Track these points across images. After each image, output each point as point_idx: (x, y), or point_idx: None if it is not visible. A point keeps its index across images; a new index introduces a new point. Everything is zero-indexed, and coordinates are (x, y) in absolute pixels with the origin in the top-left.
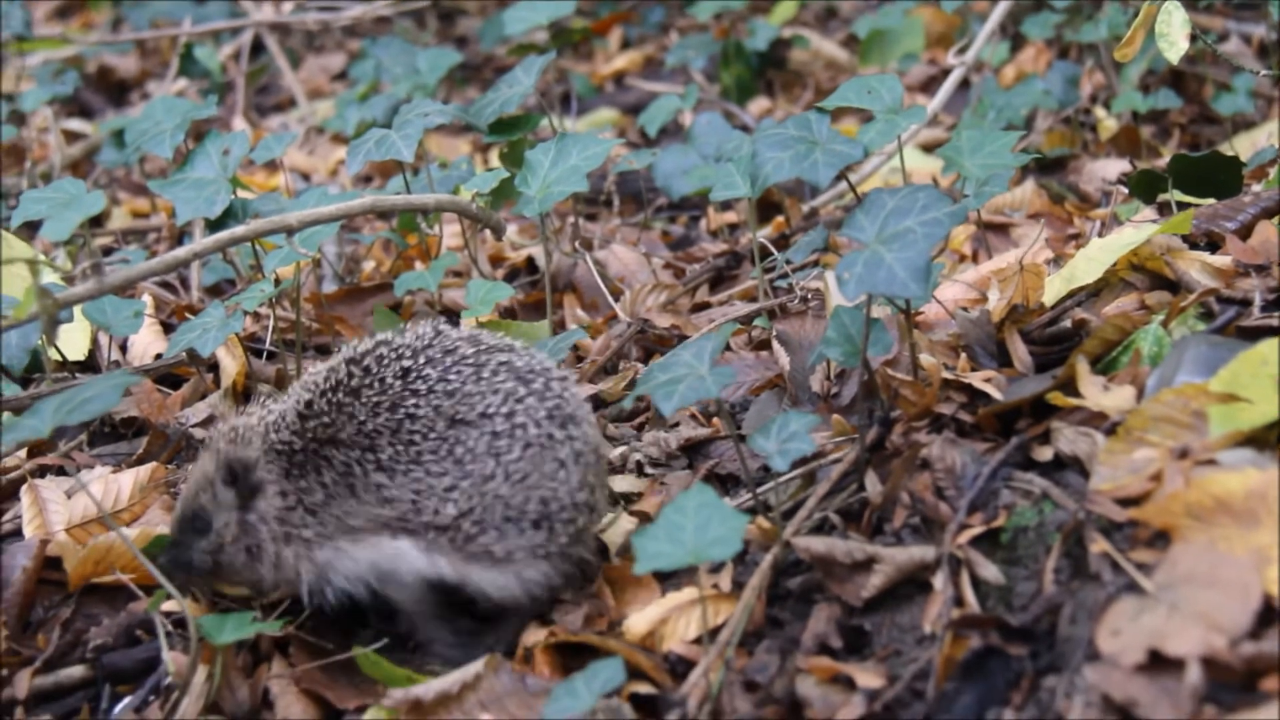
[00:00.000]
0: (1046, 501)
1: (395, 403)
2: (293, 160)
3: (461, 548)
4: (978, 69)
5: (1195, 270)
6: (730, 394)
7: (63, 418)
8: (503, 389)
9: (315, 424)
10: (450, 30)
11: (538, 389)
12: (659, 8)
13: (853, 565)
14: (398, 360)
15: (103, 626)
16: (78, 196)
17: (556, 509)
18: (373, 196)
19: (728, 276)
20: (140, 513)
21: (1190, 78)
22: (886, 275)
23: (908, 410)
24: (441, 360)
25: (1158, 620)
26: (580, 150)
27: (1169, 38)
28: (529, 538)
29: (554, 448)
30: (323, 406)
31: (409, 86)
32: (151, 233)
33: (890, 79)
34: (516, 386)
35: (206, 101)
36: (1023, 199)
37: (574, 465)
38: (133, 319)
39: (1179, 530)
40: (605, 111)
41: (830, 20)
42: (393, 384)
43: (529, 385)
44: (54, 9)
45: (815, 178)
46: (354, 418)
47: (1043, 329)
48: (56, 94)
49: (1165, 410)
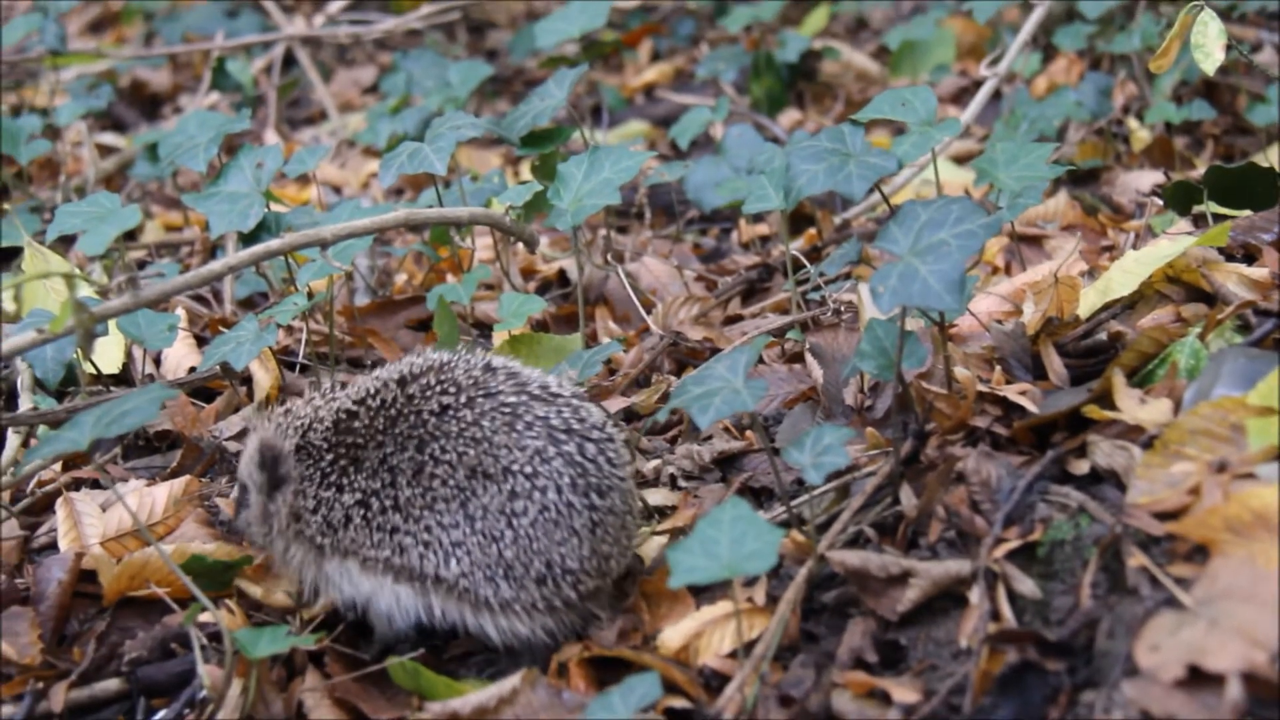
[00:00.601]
0: (1083, 515)
1: (423, 441)
2: (324, 173)
3: (460, 596)
4: (1009, 80)
5: (1232, 282)
6: (763, 407)
7: (101, 431)
8: (531, 445)
9: (348, 440)
10: (481, 43)
11: (569, 451)
12: (689, 20)
13: (888, 579)
14: (440, 394)
15: (138, 640)
16: (113, 210)
17: (560, 572)
18: (407, 210)
19: (760, 289)
20: (175, 526)
21: (1224, 88)
22: (921, 288)
23: (942, 423)
24: (481, 403)
25: (1197, 635)
26: (613, 163)
27: (1205, 48)
28: (530, 592)
29: (570, 517)
30: (358, 425)
31: (440, 99)
32: (184, 246)
33: (924, 91)
34: (547, 446)
35: (240, 115)
36: (1056, 211)
37: (588, 535)
38: (167, 333)
39: (1218, 544)
40: (636, 124)
41: (861, 31)
42: (428, 419)
43: (560, 446)
44: (87, 23)
45: (849, 190)
46: (381, 447)
47: (1078, 342)
48: (90, 108)
49: (1203, 423)
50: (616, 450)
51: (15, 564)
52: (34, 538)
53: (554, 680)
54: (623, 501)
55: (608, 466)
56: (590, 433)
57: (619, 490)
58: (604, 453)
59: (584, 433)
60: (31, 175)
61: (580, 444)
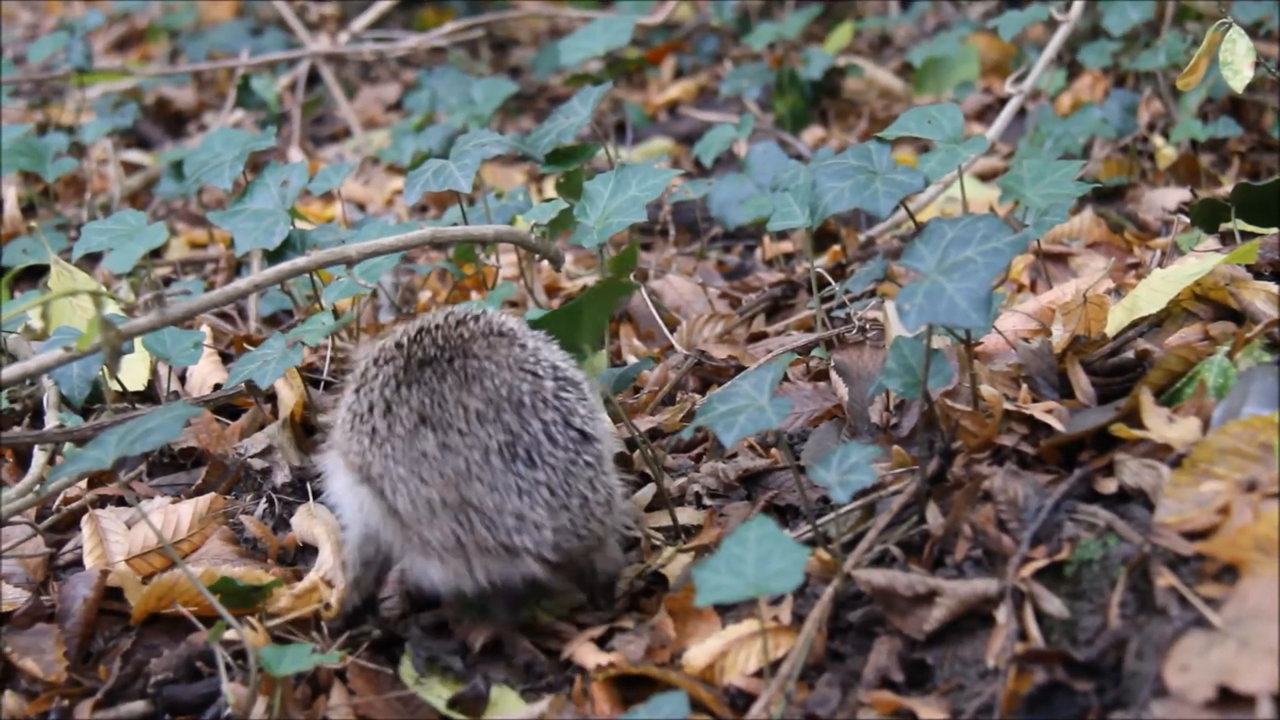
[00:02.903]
0: (1111, 534)
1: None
2: (348, 190)
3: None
4: (1034, 97)
5: (1260, 301)
6: (788, 425)
7: (125, 448)
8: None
9: (372, 370)
10: (504, 60)
11: (508, 420)
12: (713, 37)
13: (914, 598)
14: (431, 345)
15: (163, 658)
16: (139, 228)
17: (484, 529)
18: (432, 228)
19: (784, 306)
20: (200, 543)
21: (1250, 105)
22: (948, 306)
23: (969, 442)
24: (457, 362)
25: (1227, 656)
26: (639, 181)
27: (1233, 65)
28: (445, 533)
29: (493, 478)
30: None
31: (464, 117)
32: (209, 263)
33: (951, 108)
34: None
35: (265, 133)
36: (1081, 228)
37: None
38: (192, 350)
39: (1247, 564)
40: (659, 141)
41: (885, 48)
42: (414, 367)
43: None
44: (113, 41)
45: (875, 208)
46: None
47: (1105, 360)
48: (116, 126)
49: (1232, 442)
50: (573, 433)
51: (41, 581)
52: (60, 555)
53: (578, 700)
54: (562, 480)
55: (547, 444)
56: (543, 410)
57: (557, 468)
58: (551, 430)
59: (537, 408)
60: (58, 193)
61: (527, 418)
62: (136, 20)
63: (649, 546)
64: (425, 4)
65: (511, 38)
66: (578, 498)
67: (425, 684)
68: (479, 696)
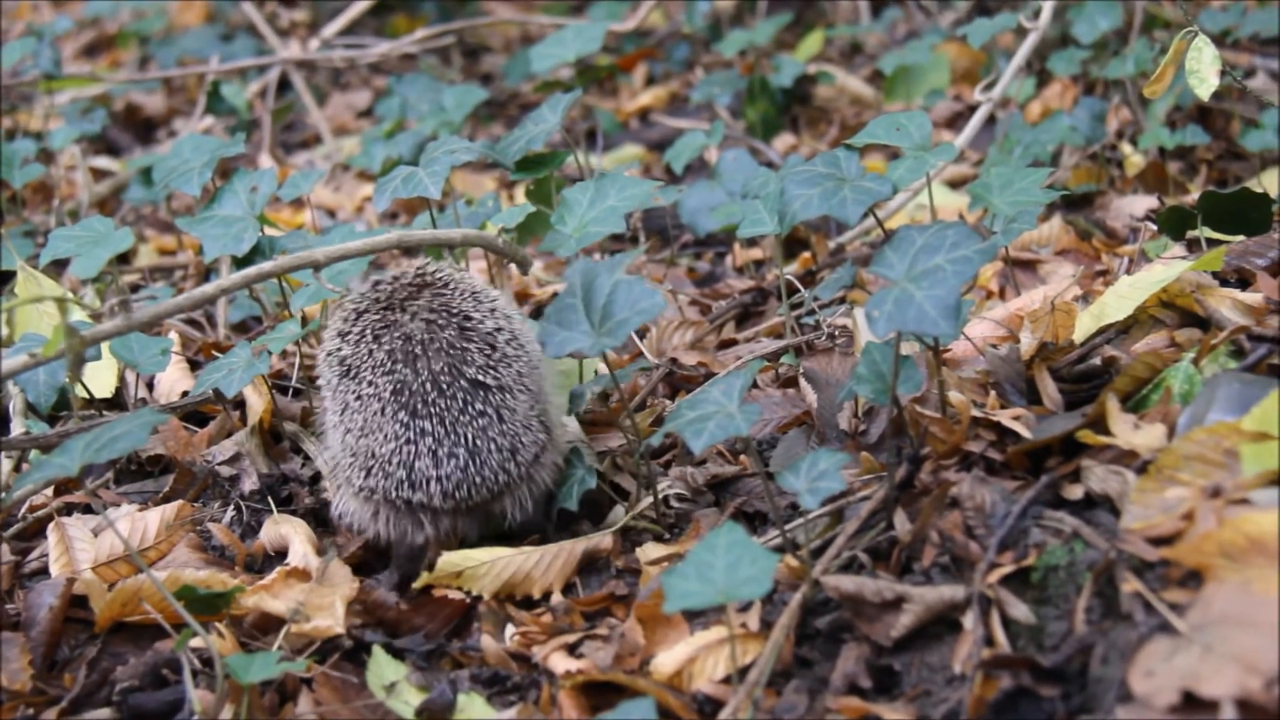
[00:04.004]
0: (1077, 540)
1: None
2: (318, 197)
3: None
4: (1004, 105)
5: (1226, 307)
6: (758, 431)
7: (91, 456)
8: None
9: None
10: (475, 67)
11: (403, 374)
12: (684, 44)
13: (882, 604)
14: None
15: (129, 666)
16: (106, 234)
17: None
18: (399, 232)
19: (754, 313)
20: (167, 550)
21: (1217, 113)
22: (917, 313)
23: (937, 448)
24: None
25: (1192, 661)
26: (618, 191)
27: (1199, 74)
28: (358, 481)
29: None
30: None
31: (435, 123)
32: (178, 270)
33: (919, 115)
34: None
35: (234, 139)
36: (1050, 235)
37: (405, 448)
38: (159, 356)
39: (1212, 570)
40: (630, 148)
41: (855, 56)
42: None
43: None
44: (82, 47)
45: (844, 215)
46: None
47: (1072, 366)
48: (85, 132)
49: (1197, 449)
50: (463, 383)
51: (6, 589)
52: (25, 563)
53: (545, 708)
54: (449, 430)
55: (436, 398)
56: (434, 360)
57: (444, 419)
58: (439, 380)
59: (429, 357)
60: (25, 199)
61: (420, 368)
62: (106, 26)
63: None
64: (397, 11)
65: (483, 44)
66: (465, 448)
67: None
68: (447, 703)
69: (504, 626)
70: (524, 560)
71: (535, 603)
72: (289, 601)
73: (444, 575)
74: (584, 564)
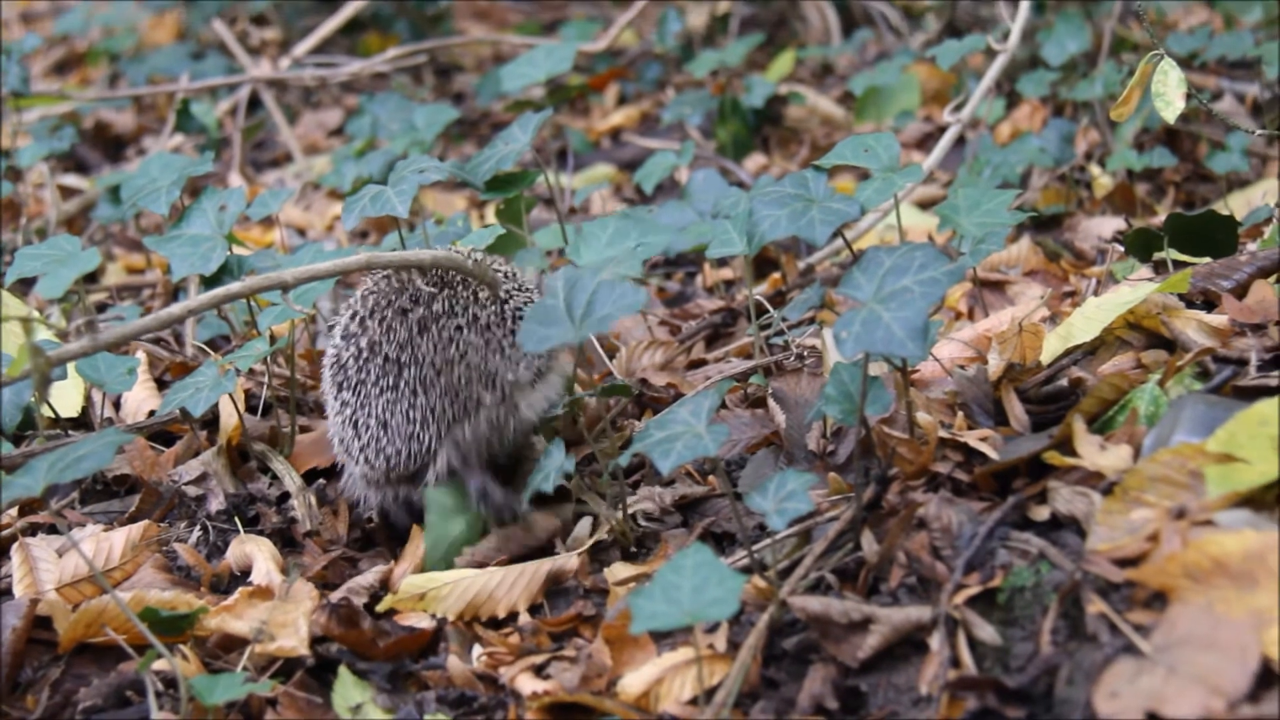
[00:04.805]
0: (1043, 561)
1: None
2: (289, 216)
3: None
4: (973, 126)
5: (1192, 329)
6: (726, 452)
7: (56, 476)
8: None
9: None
10: (447, 86)
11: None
12: (656, 64)
13: (849, 625)
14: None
15: (93, 687)
16: (73, 253)
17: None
18: (369, 253)
19: (724, 333)
20: (132, 571)
21: (1185, 136)
22: (885, 334)
23: (904, 469)
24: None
25: (1156, 682)
26: (642, 233)
27: (1165, 97)
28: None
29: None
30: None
31: (406, 142)
32: (146, 289)
33: (887, 137)
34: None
35: (203, 158)
36: (1019, 256)
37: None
38: (126, 376)
39: (1177, 592)
40: (602, 167)
41: (826, 77)
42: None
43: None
44: (51, 65)
45: (811, 236)
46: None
47: (1039, 387)
48: (53, 150)
49: (1162, 470)
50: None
51: None
52: None
53: None
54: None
55: (356, 375)
56: (359, 338)
57: (366, 400)
58: (360, 356)
59: (355, 335)
60: None
61: (351, 345)
62: (76, 43)
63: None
64: (369, 29)
65: (455, 64)
66: (376, 420)
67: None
68: None
69: (471, 647)
70: (488, 580)
71: (502, 623)
72: (252, 621)
73: (407, 598)
74: (550, 584)
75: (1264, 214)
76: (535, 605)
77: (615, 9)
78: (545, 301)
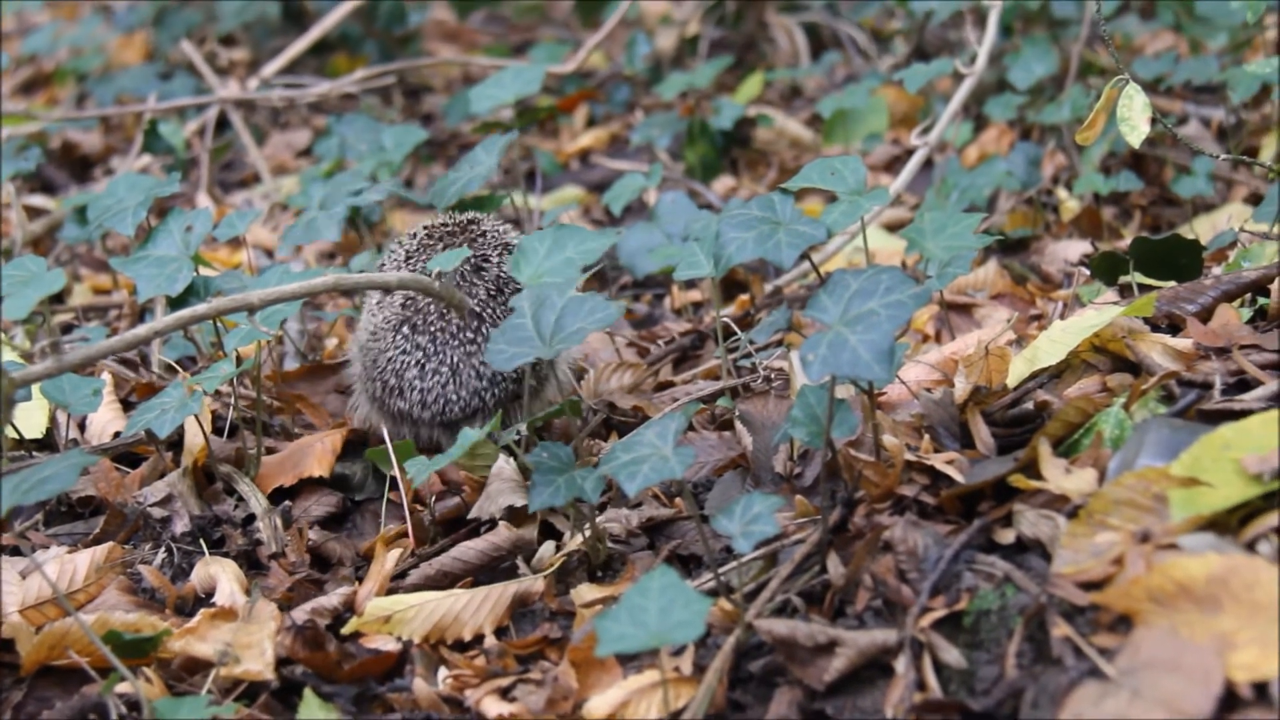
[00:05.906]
0: (1009, 585)
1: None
2: (256, 237)
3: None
4: (941, 149)
5: (1156, 353)
6: (693, 474)
7: (19, 498)
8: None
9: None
10: (416, 107)
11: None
12: (625, 86)
13: (815, 648)
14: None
15: (56, 710)
16: (38, 274)
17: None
18: (336, 275)
19: (692, 355)
20: (96, 593)
21: (1151, 160)
22: (851, 357)
23: (870, 492)
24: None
25: (1120, 705)
26: (577, 244)
27: (1130, 121)
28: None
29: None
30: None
31: (374, 163)
32: (113, 309)
33: (854, 160)
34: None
35: (170, 178)
36: (985, 279)
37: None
38: (91, 397)
39: (1141, 615)
40: (570, 189)
41: (795, 99)
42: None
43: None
44: (18, 84)
45: (778, 258)
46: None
47: (1005, 410)
48: (19, 170)
49: (1127, 494)
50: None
51: None
52: None
53: None
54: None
55: (437, 321)
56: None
57: (443, 348)
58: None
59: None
60: None
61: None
62: (43, 63)
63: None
64: (337, 50)
65: (424, 85)
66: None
67: None
68: None
69: (437, 669)
70: (453, 603)
71: (468, 645)
72: (216, 643)
73: (373, 620)
74: (516, 606)
75: (1229, 238)
76: (501, 627)
77: (584, 31)
78: (513, 320)
